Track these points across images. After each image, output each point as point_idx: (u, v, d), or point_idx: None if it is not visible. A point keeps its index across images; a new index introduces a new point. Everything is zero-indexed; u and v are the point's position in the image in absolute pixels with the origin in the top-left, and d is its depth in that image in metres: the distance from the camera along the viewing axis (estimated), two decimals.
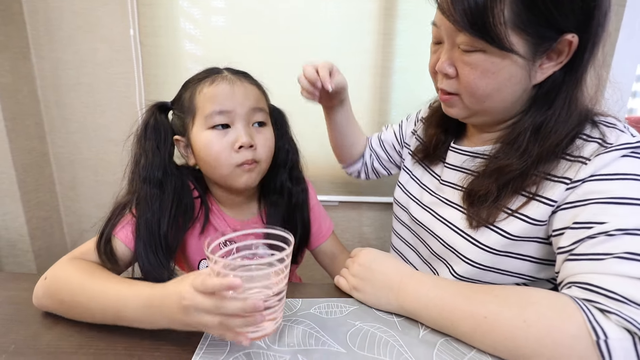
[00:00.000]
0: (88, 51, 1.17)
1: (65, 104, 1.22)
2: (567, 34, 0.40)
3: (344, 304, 0.48)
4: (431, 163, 0.64)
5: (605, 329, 0.32)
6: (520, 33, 0.40)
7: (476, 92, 0.46)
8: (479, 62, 0.44)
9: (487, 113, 0.49)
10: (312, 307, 0.47)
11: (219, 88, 0.54)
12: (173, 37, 1.15)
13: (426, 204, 0.60)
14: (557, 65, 0.43)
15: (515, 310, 0.37)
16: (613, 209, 0.37)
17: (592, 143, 0.42)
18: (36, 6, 1.14)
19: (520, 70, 0.43)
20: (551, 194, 0.43)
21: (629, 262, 0.35)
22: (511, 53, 0.41)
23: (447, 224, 0.54)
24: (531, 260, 0.47)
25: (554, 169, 0.44)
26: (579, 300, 0.36)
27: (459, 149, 0.57)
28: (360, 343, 0.40)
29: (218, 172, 0.55)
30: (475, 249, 0.49)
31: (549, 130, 0.44)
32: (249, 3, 1.11)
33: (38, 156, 1.23)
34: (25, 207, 1.18)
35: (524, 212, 0.45)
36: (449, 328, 0.41)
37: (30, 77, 1.18)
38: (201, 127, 0.54)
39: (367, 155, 0.83)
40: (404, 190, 0.67)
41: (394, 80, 1.17)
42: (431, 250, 0.58)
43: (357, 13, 1.11)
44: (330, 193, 1.26)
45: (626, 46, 1.07)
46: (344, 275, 0.52)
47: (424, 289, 0.44)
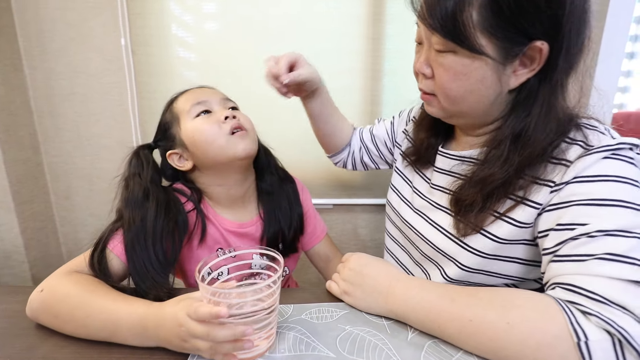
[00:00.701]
0: (81, 61, 1.17)
1: (59, 114, 1.22)
2: (537, 41, 0.41)
3: (335, 308, 0.49)
4: (422, 166, 0.65)
5: (586, 330, 0.33)
6: (489, 36, 0.42)
7: (449, 93, 0.48)
8: (451, 63, 0.45)
9: (464, 115, 0.50)
10: (303, 313, 0.48)
11: (191, 91, 0.65)
12: (165, 44, 1.16)
13: (417, 207, 0.61)
14: (530, 72, 0.44)
15: (499, 312, 0.38)
16: (594, 210, 0.38)
17: (574, 146, 0.43)
18: (27, 18, 1.14)
19: (492, 74, 0.44)
20: (537, 197, 0.44)
21: (610, 262, 0.35)
22: (481, 55, 0.42)
23: (437, 228, 0.55)
24: (519, 262, 0.48)
25: (540, 172, 0.45)
26: (562, 301, 0.36)
27: (448, 153, 0.57)
28: (349, 347, 0.41)
29: (216, 147, 0.59)
30: (465, 252, 0.50)
31: (528, 138, 0.45)
32: (240, 9, 1.12)
33: (32, 167, 1.23)
34: (19, 218, 1.18)
35: (511, 216, 0.46)
36: (436, 330, 0.42)
37: (23, 88, 1.18)
38: (187, 121, 0.61)
39: (356, 148, 0.83)
40: (397, 193, 0.68)
41: (384, 83, 1.18)
42: (422, 252, 0.58)
43: (346, 18, 1.13)
44: (324, 196, 1.27)
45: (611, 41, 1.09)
46: (335, 280, 0.53)
47: (412, 292, 0.45)
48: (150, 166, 0.61)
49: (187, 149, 0.62)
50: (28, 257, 1.22)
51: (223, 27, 1.14)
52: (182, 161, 0.63)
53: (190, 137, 0.60)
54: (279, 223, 0.68)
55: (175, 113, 0.63)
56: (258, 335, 0.39)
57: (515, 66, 0.44)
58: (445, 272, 0.53)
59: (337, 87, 1.16)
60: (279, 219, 0.69)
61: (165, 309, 0.41)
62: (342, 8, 1.12)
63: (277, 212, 0.69)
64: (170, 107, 0.65)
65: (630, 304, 0.33)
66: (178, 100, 0.64)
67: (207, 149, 0.60)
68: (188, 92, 0.65)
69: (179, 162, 0.63)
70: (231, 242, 0.65)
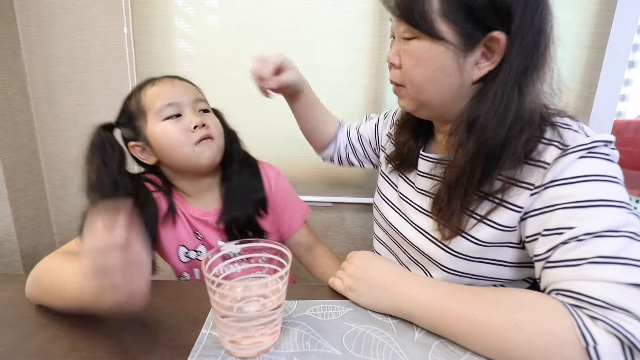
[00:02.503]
0: (80, 48, 1.15)
1: (57, 101, 1.20)
2: (494, 31, 0.43)
3: (339, 305, 0.48)
4: (406, 170, 0.65)
5: (594, 335, 0.33)
6: (448, 23, 0.44)
7: (413, 80, 0.49)
8: (414, 49, 0.47)
9: (429, 106, 0.51)
10: (307, 309, 0.47)
11: (162, 86, 0.62)
12: (167, 36, 1.14)
13: (401, 210, 0.61)
14: (492, 64, 0.45)
15: (506, 313, 0.37)
16: (579, 212, 0.38)
17: (550, 146, 0.43)
18: (27, 2, 1.12)
19: (451, 62, 0.45)
20: (517, 200, 0.44)
21: (602, 265, 0.35)
22: (441, 40, 0.44)
23: (420, 231, 0.55)
24: (504, 264, 0.48)
25: (518, 174, 0.44)
26: (568, 305, 0.36)
27: (427, 156, 0.58)
28: (356, 345, 0.40)
29: (182, 154, 0.60)
30: (448, 255, 0.49)
31: (484, 126, 0.44)
32: (243, 2, 1.11)
33: (27, 154, 1.20)
34: (13, 206, 1.16)
35: (492, 219, 0.46)
36: (442, 330, 0.41)
37: (21, 74, 1.16)
38: (155, 121, 0.60)
39: (342, 145, 0.83)
40: (382, 196, 0.68)
41: (388, 81, 1.17)
42: (409, 255, 0.58)
43: (352, 14, 1.12)
44: (324, 194, 1.26)
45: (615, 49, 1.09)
46: (340, 276, 0.53)
47: (417, 289, 0.44)
48: (116, 153, 0.60)
49: (151, 147, 0.62)
50: (20, 246, 1.19)
51: (225, 20, 1.13)
52: (145, 155, 0.63)
53: (156, 139, 0.60)
54: (237, 209, 0.67)
55: (142, 106, 0.61)
56: (262, 332, 0.38)
57: (477, 58, 0.45)
58: (432, 276, 0.53)
59: (341, 84, 1.17)
60: (237, 205, 0.68)
61: None
62: (347, 5, 1.11)
63: (235, 198, 0.68)
64: (138, 97, 0.61)
65: (632, 307, 0.33)
66: (147, 93, 0.61)
67: (172, 154, 0.60)
68: (159, 86, 0.62)
69: (142, 154, 0.63)
70: (198, 229, 0.67)
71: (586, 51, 1.13)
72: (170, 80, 0.64)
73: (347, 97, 1.18)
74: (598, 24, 1.10)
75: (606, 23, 1.09)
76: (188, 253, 0.65)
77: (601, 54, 1.12)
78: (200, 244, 0.66)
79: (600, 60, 1.12)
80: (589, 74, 1.14)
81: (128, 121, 0.63)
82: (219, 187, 0.70)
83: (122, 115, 0.64)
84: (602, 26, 1.10)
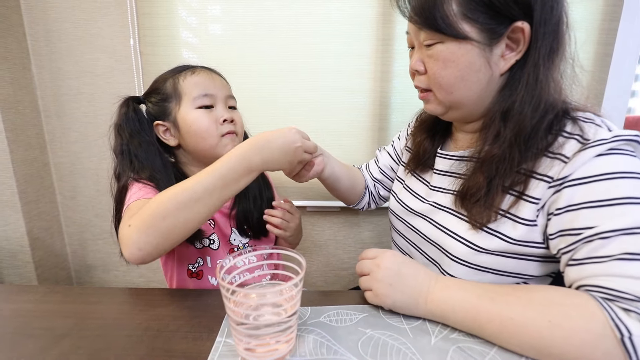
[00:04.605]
0: (88, 61, 1.17)
1: (66, 113, 1.22)
2: (517, 22, 0.44)
3: (353, 311, 0.48)
4: (422, 172, 0.65)
5: (628, 326, 0.34)
6: (471, 22, 0.45)
7: (442, 82, 0.49)
8: (439, 53, 0.48)
9: (460, 106, 0.51)
10: (321, 316, 0.47)
11: (202, 76, 0.65)
12: (172, 46, 1.16)
13: (419, 211, 0.60)
14: (518, 54, 0.46)
15: (540, 310, 0.38)
16: (604, 211, 0.39)
17: (571, 140, 0.43)
18: (36, 17, 1.14)
19: (479, 58, 0.46)
20: (534, 192, 0.44)
21: (630, 262, 0.36)
22: (466, 40, 0.45)
23: (442, 229, 0.54)
24: (532, 259, 0.47)
25: (537, 166, 0.45)
26: (600, 299, 0.36)
27: (446, 154, 0.58)
28: (372, 351, 0.40)
29: (207, 143, 0.63)
30: (470, 251, 0.49)
31: (517, 113, 0.46)
32: (245, 11, 1.12)
33: (39, 166, 1.22)
34: (26, 217, 1.18)
35: (516, 213, 0.46)
36: (476, 330, 0.41)
37: (31, 88, 1.18)
38: (189, 107, 0.63)
39: (370, 186, 0.81)
40: (398, 200, 0.68)
41: (394, 85, 1.17)
42: (426, 255, 0.58)
43: (355, 19, 1.12)
44: (331, 198, 1.24)
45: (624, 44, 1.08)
46: (367, 284, 0.48)
47: (450, 292, 0.44)
48: (144, 126, 0.64)
49: (178, 130, 0.64)
50: (33, 257, 1.21)
51: (228, 29, 1.14)
52: (168, 135, 0.66)
53: (186, 124, 0.63)
54: (249, 202, 0.71)
55: (178, 90, 0.63)
56: (278, 339, 0.38)
57: (503, 50, 0.46)
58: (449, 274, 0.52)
59: (346, 89, 1.17)
60: (249, 199, 0.71)
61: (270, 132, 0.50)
62: (350, 9, 1.11)
63: (248, 192, 0.72)
64: (176, 80, 0.64)
65: None
66: (186, 79, 0.64)
67: (198, 141, 0.63)
68: (200, 76, 0.65)
69: (165, 134, 0.66)
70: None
71: (594, 47, 1.11)
72: (210, 72, 0.67)
73: (352, 102, 1.18)
74: (605, 20, 1.09)
75: (613, 19, 1.08)
76: (202, 240, 0.66)
77: (610, 50, 1.11)
78: (213, 232, 0.67)
79: (609, 56, 1.11)
80: (598, 70, 1.13)
81: (160, 100, 0.65)
82: None
83: (152, 94, 0.66)
84: (609, 22, 1.09)
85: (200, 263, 0.67)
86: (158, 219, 0.45)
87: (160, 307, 0.49)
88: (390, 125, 1.20)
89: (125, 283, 1.38)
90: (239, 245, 0.71)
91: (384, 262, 0.47)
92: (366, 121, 1.20)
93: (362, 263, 0.50)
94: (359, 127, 1.20)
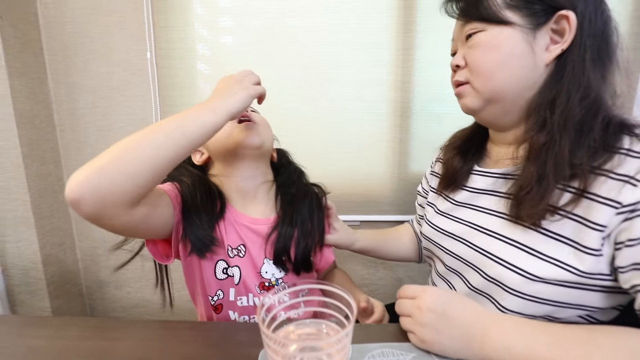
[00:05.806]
0: (104, 75, 1.16)
1: (80, 127, 1.20)
2: (562, 10, 0.44)
3: (399, 350, 0.43)
4: (451, 192, 0.61)
5: None
6: (514, 10, 0.46)
7: (482, 67, 0.49)
8: (480, 40, 0.48)
9: (500, 97, 0.49)
10: (365, 356, 0.42)
11: None
12: (187, 58, 1.14)
13: (461, 237, 0.55)
14: (563, 43, 0.45)
15: None
16: None
17: (635, 159, 0.39)
18: (54, 33, 1.14)
19: (521, 43, 0.46)
20: (597, 217, 0.39)
21: None
22: (508, 25, 0.46)
23: (487, 255, 0.49)
24: (597, 290, 0.42)
25: (600, 163, 0.41)
26: None
27: (485, 171, 0.55)
28: None
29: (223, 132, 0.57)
30: (521, 278, 0.44)
31: (564, 102, 0.44)
32: (263, 22, 1.10)
33: (53, 181, 1.20)
34: (39, 233, 1.15)
35: (579, 241, 0.41)
36: None
37: (47, 102, 1.17)
38: None
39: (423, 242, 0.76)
40: (432, 225, 0.63)
41: (415, 95, 1.13)
42: (470, 286, 0.52)
43: (376, 29, 1.09)
44: (351, 212, 1.21)
45: None
46: (410, 327, 0.43)
47: (512, 338, 0.38)
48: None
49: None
50: (46, 274, 1.18)
51: (246, 41, 1.12)
52: (199, 155, 0.65)
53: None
54: (293, 226, 0.62)
55: None
56: None
57: (547, 42, 0.46)
58: (501, 305, 0.46)
59: (366, 98, 1.13)
60: (295, 223, 0.63)
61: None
62: (371, 20, 1.09)
63: (296, 215, 0.63)
64: None
65: None
66: None
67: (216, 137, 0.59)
68: None
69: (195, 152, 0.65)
70: (242, 235, 0.61)
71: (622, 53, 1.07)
72: None
73: (373, 112, 1.14)
74: (634, 25, 1.05)
75: None
76: (227, 269, 0.60)
77: (639, 55, 1.07)
78: (237, 265, 0.60)
79: (638, 61, 1.07)
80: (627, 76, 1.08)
81: None
82: (273, 198, 0.66)
83: None
84: (638, 27, 1.05)
85: (220, 296, 0.60)
86: (111, 153, 0.42)
87: (187, 344, 0.45)
88: (411, 137, 1.16)
89: (137, 300, 1.34)
90: (270, 280, 0.61)
91: (425, 303, 0.42)
92: (388, 133, 1.16)
93: (402, 303, 0.45)
94: (379, 139, 1.16)
